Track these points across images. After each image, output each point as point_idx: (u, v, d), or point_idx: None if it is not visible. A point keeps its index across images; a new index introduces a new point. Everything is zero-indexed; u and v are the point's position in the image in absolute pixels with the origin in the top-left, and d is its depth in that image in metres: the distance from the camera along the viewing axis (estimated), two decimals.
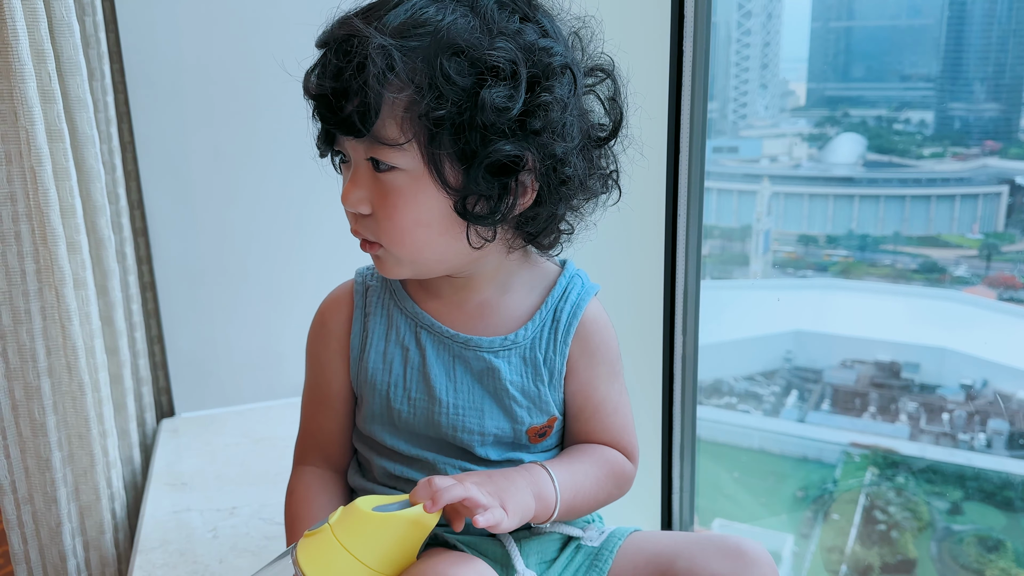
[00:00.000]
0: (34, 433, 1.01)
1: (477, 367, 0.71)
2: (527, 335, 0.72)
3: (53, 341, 1.00)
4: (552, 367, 0.72)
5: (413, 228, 0.65)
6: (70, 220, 1.01)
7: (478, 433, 0.71)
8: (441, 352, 0.72)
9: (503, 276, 0.73)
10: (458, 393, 0.71)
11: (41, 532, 1.05)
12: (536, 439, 0.73)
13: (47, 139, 0.96)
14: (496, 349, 0.71)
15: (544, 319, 0.72)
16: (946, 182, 3.02)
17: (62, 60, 1.02)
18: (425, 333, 0.72)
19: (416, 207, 0.64)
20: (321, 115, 0.64)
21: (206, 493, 1.15)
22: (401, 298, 0.74)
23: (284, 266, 1.39)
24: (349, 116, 0.61)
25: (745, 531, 2.56)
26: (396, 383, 0.72)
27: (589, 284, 0.75)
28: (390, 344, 0.73)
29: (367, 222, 0.66)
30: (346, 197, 0.66)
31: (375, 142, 0.62)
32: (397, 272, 0.69)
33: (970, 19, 2.93)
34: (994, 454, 2.62)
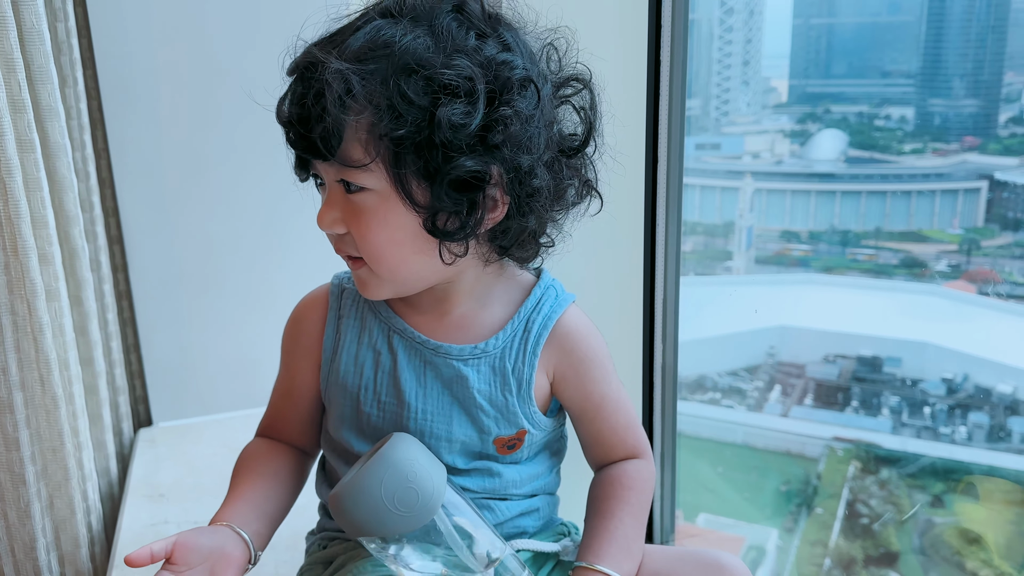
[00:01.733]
0: (7, 447, 1.00)
1: (447, 374, 0.72)
2: (497, 344, 0.72)
3: (25, 354, 0.99)
4: (520, 377, 0.72)
5: (387, 247, 0.65)
6: (41, 231, 0.99)
7: (445, 439, 0.72)
8: (412, 357, 0.72)
9: (481, 290, 0.73)
10: (427, 399, 0.72)
11: (15, 548, 1.03)
12: (504, 450, 0.74)
13: (17, 149, 0.95)
14: (466, 357, 0.72)
15: (516, 329, 0.73)
16: (926, 178, 3.04)
17: (32, 69, 1.00)
18: (398, 338, 0.73)
19: (387, 226, 0.65)
20: (291, 141, 0.65)
21: (184, 505, 1.14)
22: (375, 303, 0.74)
23: (261, 272, 1.38)
24: (314, 141, 0.62)
25: (729, 526, 2.57)
26: (367, 386, 0.73)
27: (564, 294, 0.76)
28: (362, 347, 0.74)
29: (346, 239, 0.67)
30: (321, 219, 0.67)
31: (342, 164, 0.63)
32: (379, 293, 0.69)
33: (950, 16, 2.95)
34: (975, 447, 2.64)
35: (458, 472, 0.73)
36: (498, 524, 0.74)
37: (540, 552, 0.76)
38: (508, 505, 0.75)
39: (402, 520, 0.63)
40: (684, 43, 1.10)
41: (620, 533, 0.72)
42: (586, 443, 0.79)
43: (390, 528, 0.63)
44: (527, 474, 0.76)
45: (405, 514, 0.63)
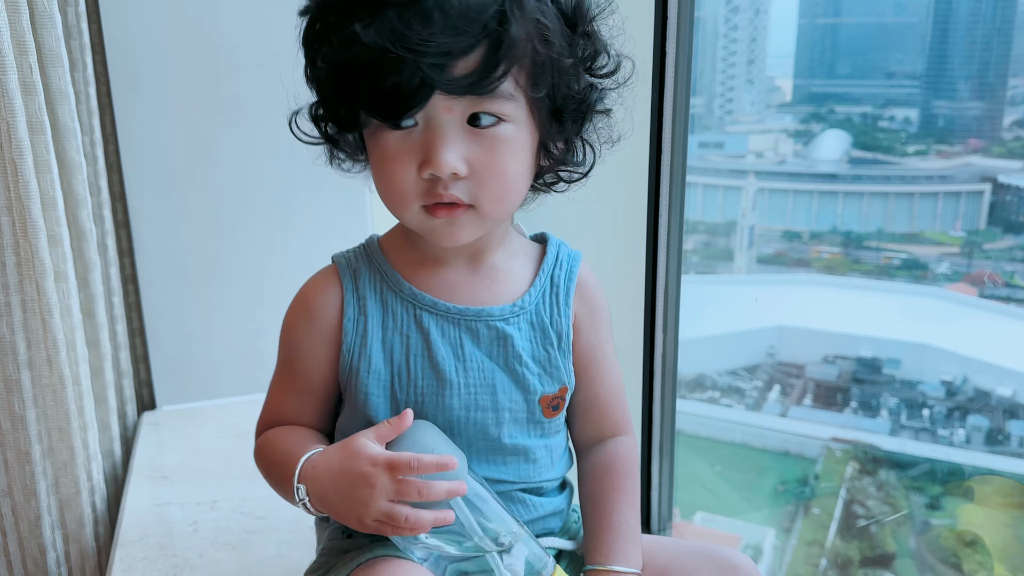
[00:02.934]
0: (14, 426, 1.01)
1: (488, 338, 0.70)
2: (532, 300, 0.72)
3: (33, 334, 1.00)
4: (559, 329, 0.73)
5: (519, 180, 0.65)
6: (51, 212, 1.00)
7: (492, 410, 0.70)
8: (447, 330, 0.70)
9: (506, 237, 0.74)
10: (468, 372, 0.69)
11: (20, 525, 1.04)
12: (550, 411, 0.73)
13: (28, 131, 0.96)
14: (507, 316, 0.71)
15: (543, 284, 0.73)
16: (929, 179, 3.04)
17: (44, 52, 1.01)
18: (427, 315, 0.69)
19: (519, 157, 0.64)
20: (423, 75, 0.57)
21: (187, 487, 1.15)
22: (394, 280, 0.71)
23: (267, 259, 1.39)
24: (469, 73, 0.58)
25: (726, 524, 2.57)
26: (399, 373, 0.69)
27: (575, 251, 0.77)
28: (387, 332, 0.70)
29: (459, 184, 0.63)
30: (444, 161, 0.61)
31: (491, 96, 0.60)
32: (471, 236, 0.67)
33: (956, 17, 2.95)
34: (973, 449, 2.65)
35: (498, 457, 0.71)
36: (529, 521, 0.73)
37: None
38: (541, 501, 0.74)
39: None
40: (689, 41, 1.11)
41: (625, 526, 0.73)
42: (581, 410, 0.77)
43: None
44: (557, 452, 0.75)
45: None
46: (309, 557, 0.99)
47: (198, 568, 0.98)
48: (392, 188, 0.64)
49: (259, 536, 1.03)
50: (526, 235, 0.78)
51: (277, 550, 1.00)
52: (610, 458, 0.76)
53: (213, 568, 0.98)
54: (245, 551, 1.01)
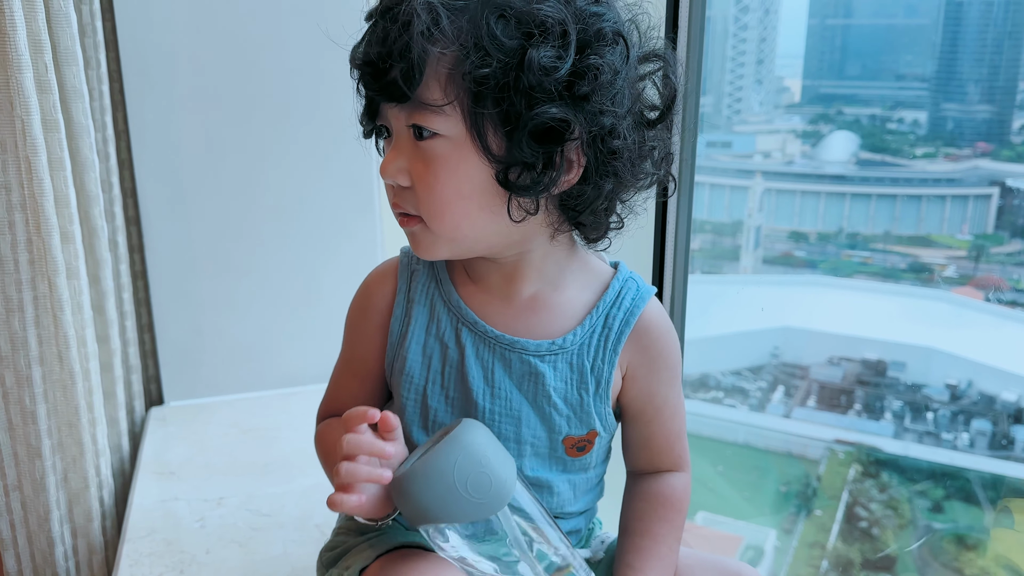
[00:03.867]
0: (24, 421, 1.02)
1: (519, 370, 0.68)
2: (575, 340, 0.69)
3: (45, 330, 1.01)
4: (600, 376, 0.69)
5: (454, 199, 0.62)
6: (64, 210, 1.01)
7: (514, 441, 0.69)
8: (482, 352, 0.69)
9: (552, 269, 0.70)
10: (495, 399, 0.69)
11: (30, 519, 1.06)
12: (574, 452, 0.71)
13: (43, 129, 0.97)
14: (543, 353, 0.68)
15: (595, 324, 0.69)
16: (937, 182, 3.03)
17: (59, 50, 1.02)
18: (467, 331, 0.69)
19: (457, 177, 0.62)
20: (366, 83, 0.62)
21: (194, 483, 1.16)
22: (446, 289, 0.71)
23: (275, 256, 1.39)
24: (393, 80, 0.60)
25: (728, 525, 2.58)
26: (434, 379, 0.69)
27: (645, 287, 0.72)
28: (430, 337, 0.70)
29: (406, 195, 0.64)
30: (385, 168, 0.64)
31: (418, 106, 0.60)
32: (434, 252, 0.66)
33: (966, 20, 2.94)
34: (977, 454, 2.64)
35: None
36: None
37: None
38: (559, 523, 0.72)
39: (473, 507, 0.60)
40: (700, 40, 1.11)
41: (669, 559, 0.71)
42: (634, 445, 0.75)
43: (459, 514, 0.60)
44: (582, 488, 0.74)
45: (477, 500, 0.59)
46: (315, 555, 1.00)
47: (204, 564, 0.99)
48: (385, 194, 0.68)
49: (265, 533, 1.04)
50: (607, 262, 0.74)
51: (283, 548, 1.01)
52: (667, 490, 0.74)
53: (219, 565, 0.98)
54: (251, 548, 1.02)
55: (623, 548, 0.72)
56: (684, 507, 0.75)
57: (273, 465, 1.20)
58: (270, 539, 1.03)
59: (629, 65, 0.62)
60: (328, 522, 1.05)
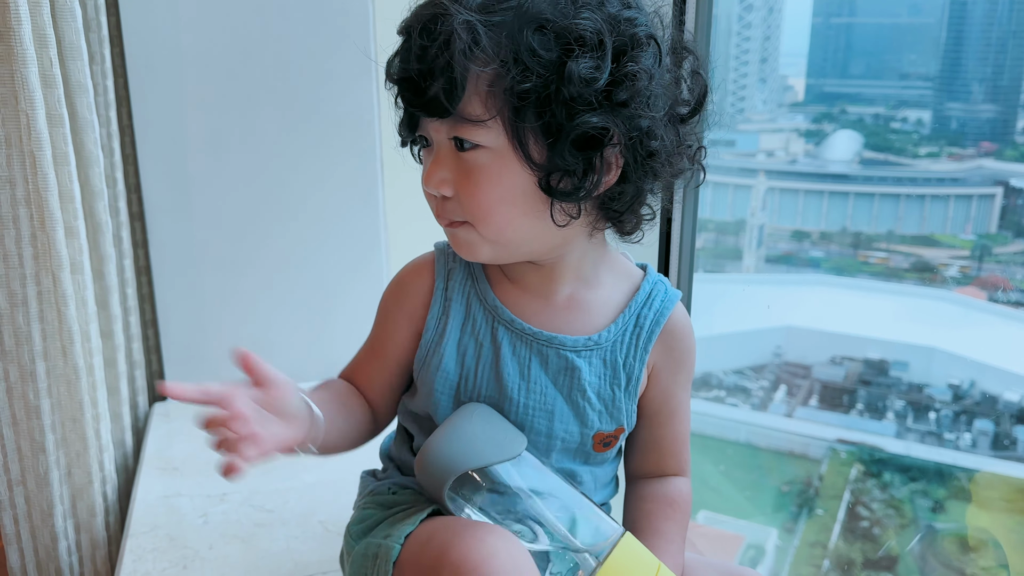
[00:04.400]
0: (28, 416, 1.02)
1: (556, 365, 0.70)
2: (610, 337, 0.71)
3: (49, 325, 1.01)
4: (631, 372, 0.72)
5: (497, 206, 0.64)
6: (68, 205, 1.01)
7: (545, 435, 0.71)
8: (519, 348, 0.71)
9: (588, 267, 0.72)
10: (530, 393, 0.70)
11: (33, 514, 1.06)
12: (600, 447, 0.73)
13: (47, 124, 0.96)
14: (579, 349, 0.70)
15: (627, 323, 0.72)
16: (941, 182, 3.03)
17: (64, 45, 1.02)
18: (503, 329, 0.71)
19: (500, 185, 0.64)
20: (406, 98, 0.64)
21: (197, 479, 1.16)
22: (482, 288, 0.72)
23: (280, 253, 1.39)
24: (434, 96, 0.61)
25: (729, 524, 2.58)
26: (467, 376, 0.71)
27: (673, 290, 0.75)
28: (465, 335, 0.72)
29: (450, 204, 0.66)
30: (428, 179, 0.66)
31: (459, 120, 0.62)
32: (478, 254, 0.68)
33: (971, 19, 2.93)
34: (979, 454, 2.64)
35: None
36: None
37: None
38: None
39: (492, 449, 0.63)
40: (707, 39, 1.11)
41: (676, 554, 0.72)
42: (642, 448, 0.77)
43: (480, 457, 0.63)
44: (602, 480, 0.76)
45: (496, 444, 0.64)
46: (318, 551, 1.00)
47: (207, 560, 0.99)
48: (427, 201, 0.70)
49: (268, 529, 1.04)
50: (633, 261, 0.77)
51: (286, 544, 1.01)
52: (673, 493, 0.76)
53: (222, 560, 0.98)
54: (254, 544, 1.02)
55: None
56: (688, 510, 0.76)
57: (275, 463, 1.20)
58: (273, 535, 1.03)
59: (662, 67, 0.64)
60: (331, 519, 1.05)
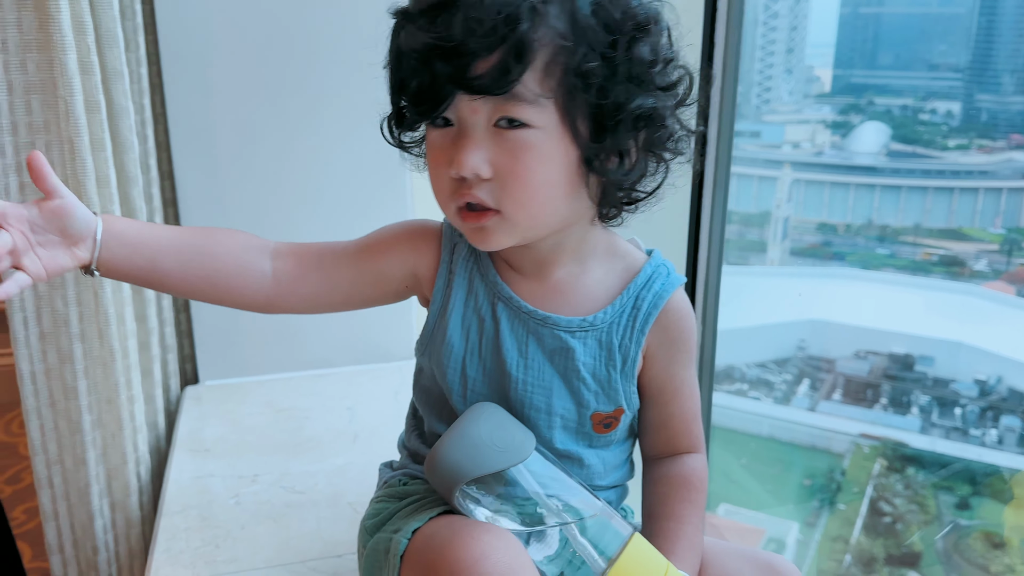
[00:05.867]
0: (66, 396, 1.04)
1: (551, 345, 0.71)
2: (605, 319, 0.71)
3: (86, 308, 1.03)
4: (627, 354, 0.71)
5: (542, 188, 0.63)
6: (105, 190, 1.03)
7: (545, 412, 0.71)
8: (516, 326, 0.71)
9: (585, 251, 0.72)
10: (528, 370, 0.71)
11: (70, 492, 1.08)
12: (601, 428, 0.73)
13: (85, 110, 0.98)
14: (574, 329, 0.70)
15: (624, 305, 0.72)
16: (970, 175, 3.00)
17: (101, 32, 1.03)
18: (502, 305, 0.71)
19: (548, 166, 0.62)
20: (444, 74, 0.59)
21: (228, 460, 1.18)
22: (485, 265, 0.72)
23: (309, 238, 1.40)
24: (487, 72, 0.59)
25: (750, 517, 2.57)
26: (472, 350, 0.72)
27: (675, 276, 0.75)
28: (468, 310, 0.72)
29: (485, 187, 0.63)
30: (465, 161, 0.62)
31: (511, 99, 0.60)
32: (502, 242, 0.66)
33: (1003, 9, 2.89)
34: (1005, 450, 2.62)
35: (553, 453, 0.72)
36: None
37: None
38: None
39: (501, 456, 0.63)
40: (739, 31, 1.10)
41: (696, 538, 0.72)
42: (652, 427, 0.77)
43: (490, 463, 0.63)
44: (612, 463, 0.76)
45: (503, 450, 0.64)
46: (347, 531, 1.02)
47: (239, 540, 1.00)
48: (434, 188, 0.67)
49: (298, 510, 1.06)
50: (642, 248, 0.77)
51: (316, 524, 1.02)
52: (686, 472, 0.76)
53: (253, 540, 1.00)
54: (284, 524, 1.03)
55: (649, 533, 0.73)
56: (704, 487, 0.76)
57: (306, 444, 1.22)
58: (303, 516, 1.05)
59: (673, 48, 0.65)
60: (360, 500, 1.06)
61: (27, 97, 0.95)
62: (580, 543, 0.64)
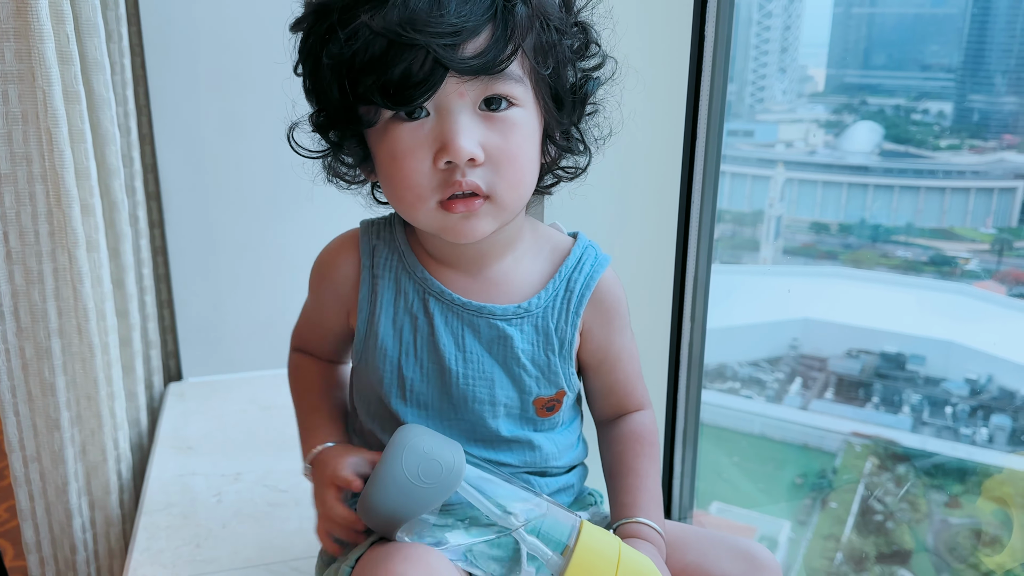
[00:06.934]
0: (43, 393, 1.02)
1: (488, 335, 0.71)
2: (540, 304, 0.71)
3: (65, 302, 1.01)
4: (563, 337, 0.72)
5: (529, 166, 0.65)
6: (84, 182, 1.01)
7: (489, 403, 0.71)
8: (450, 320, 0.71)
9: (515, 239, 0.73)
10: (468, 363, 0.71)
11: (48, 490, 1.06)
12: (544, 412, 0.74)
13: (64, 100, 0.96)
14: (509, 317, 0.71)
15: (557, 288, 0.72)
16: (961, 175, 3.00)
17: (80, 21, 1.01)
18: (433, 300, 0.71)
19: (531, 143, 0.65)
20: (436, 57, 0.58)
21: (211, 458, 1.17)
22: (410, 263, 0.72)
23: (295, 234, 1.39)
24: (481, 52, 0.59)
25: (742, 515, 2.57)
26: (407, 351, 0.71)
27: (603, 255, 0.76)
28: (399, 311, 0.71)
29: (478, 171, 0.63)
30: (460, 146, 0.60)
31: (501, 78, 0.61)
32: (486, 230, 0.66)
33: (995, 10, 2.90)
34: (996, 449, 2.62)
35: (500, 444, 0.73)
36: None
37: None
38: (547, 481, 0.75)
39: (431, 492, 0.62)
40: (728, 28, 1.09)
41: (654, 489, 0.74)
42: (598, 393, 0.79)
43: (422, 504, 0.61)
44: (563, 444, 0.76)
45: (433, 485, 0.62)
46: None
47: (221, 539, 0.99)
48: (406, 185, 0.64)
49: (281, 509, 1.04)
50: (564, 232, 0.77)
51: (299, 524, 1.01)
52: (638, 427, 0.78)
53: (235, 539, 0.99)
54: (267, 523, 1.02)
55: (613, 491, 0.76)
56: (656, 440, 0.78)
57: (290, 443, 1.20)
58: (286, 515, 1.03)
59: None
60: None
61: (4, 87, 0.93)
62: (531, 543, 0.63)
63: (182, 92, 1.29)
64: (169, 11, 1.25)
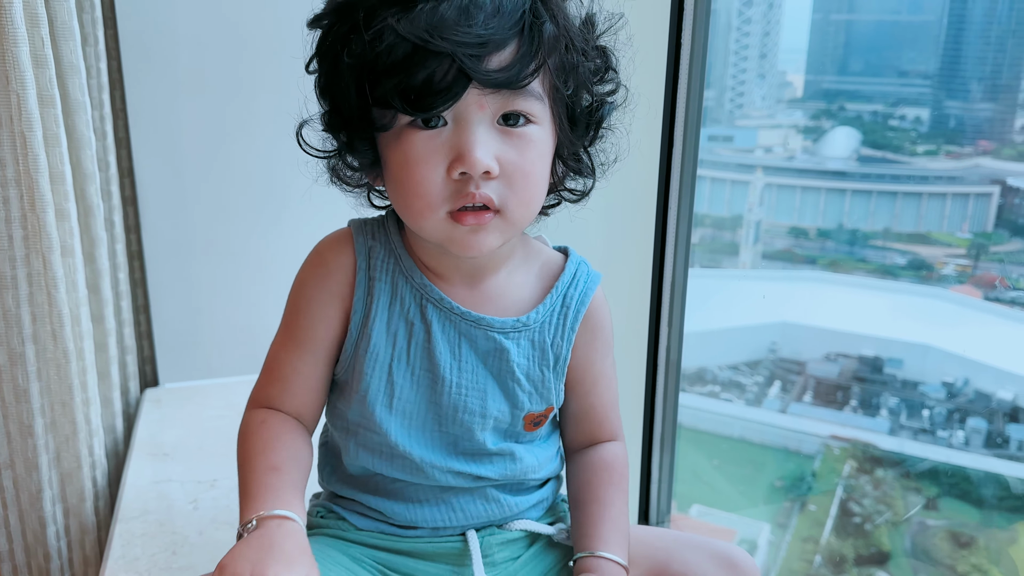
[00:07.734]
0: (17, 399, 1.01)
1: (485, 347, 0.70)
2: (537, 318, 0.71)
3: (39, 308, 1.00)
4: (559, 353, 0.72)
5: (541, 183, 0.65)
6: (59, 187, 1.00)
7: (479, 415, 0.70)
8: (447, 328, 0.69)
9: (511, 258, 0.72)
10: (462, 372, 0.69)
11: (21, 498, 1.05)
12: (531, 427, 0.73)
13: (38, 104, 0.95)
14: (507, 330, 0.70)
15: (554, 304, 0.72)
16: (938, 180, 3.03)
17: (56, 24, 1.01)
18: (432, 307, 0.69)
19: (545, 161, 0.65)
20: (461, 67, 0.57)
21: (187, 464, 1.16)
22: (408, 267, 0.70)
23: (273, 239, 1.38)
24: (506, 66, 0.59)
25: (722, 518, 2.59)
26: (400, 357, 0.69)
27: (594, 272, 0.76)
28: (394, 316, 0.69)
29: (492, 185, 0.62)
30: (476, 158, 0.60)
31: (522, 94, 0.61)
32: (493, 245, 0.64)
33: (971, 18, 2.93)
34: (972, 451, 2.65)
35: (483, 457, 0.72)
36: (501, 518, 0.74)
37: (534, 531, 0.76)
38: (518, 500, 0.74)
39: None
40: (705, 34, 1.10)
41: (621, 521, 0.73)
42: (572, 418, 0.77)
43: None
44: (543, 457, 0.76)
45: None
46: None
47: (197, 546, 0.98)
48: (417, 192, 0.62)
49: None
50: (549, 245, 0.77)
51: None
52: (609, 457, 0.76)
53: (212, 546, 0.98)
54: None
55: (578, 521, 0.74)
56: (626, 472, 0.77)
57: None
58: None
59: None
60: None
61: None
62: None
63: (159, 96, 1.28)
64: (146, 15, 1.25)
